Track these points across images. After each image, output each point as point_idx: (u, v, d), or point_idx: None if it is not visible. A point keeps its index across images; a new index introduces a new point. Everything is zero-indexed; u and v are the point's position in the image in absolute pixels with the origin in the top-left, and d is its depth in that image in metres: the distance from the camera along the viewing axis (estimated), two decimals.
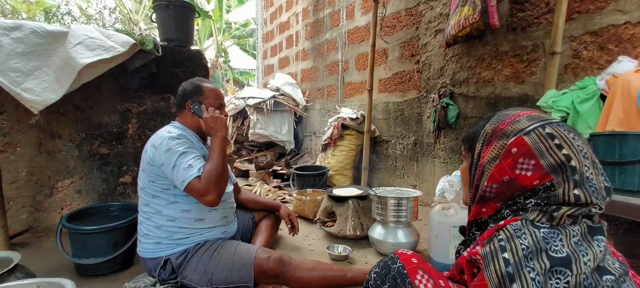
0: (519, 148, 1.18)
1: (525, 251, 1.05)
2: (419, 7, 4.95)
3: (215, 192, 2.25)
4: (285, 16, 9.45)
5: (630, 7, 2.81)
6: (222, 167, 2.33)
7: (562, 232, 1.09)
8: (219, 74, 12.88)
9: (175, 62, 4.08)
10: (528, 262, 1.04)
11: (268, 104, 7.69)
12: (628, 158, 1.98)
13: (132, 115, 3.97)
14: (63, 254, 2.78)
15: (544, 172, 1.14)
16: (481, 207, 1.31)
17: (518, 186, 1.19)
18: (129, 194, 4.00)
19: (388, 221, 3.22)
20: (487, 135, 1.30)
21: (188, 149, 2.35)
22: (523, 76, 3.61)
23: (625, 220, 2.73)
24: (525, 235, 1.08)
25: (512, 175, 1.19)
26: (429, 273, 1.36)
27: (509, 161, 1.20)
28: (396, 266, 1.41)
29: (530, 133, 1.18)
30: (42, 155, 3.58)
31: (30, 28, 3.18)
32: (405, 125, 5.35)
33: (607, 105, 2.48)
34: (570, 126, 1.22)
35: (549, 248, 1.05)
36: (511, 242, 1.08)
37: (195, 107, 2.53)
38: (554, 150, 1.14)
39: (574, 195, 1.11)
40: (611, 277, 1.07)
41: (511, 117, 1.26)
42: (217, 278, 2.33)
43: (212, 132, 2.45)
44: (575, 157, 1.13)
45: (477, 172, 1.32)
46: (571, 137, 1.16)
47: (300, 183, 5.70)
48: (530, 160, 1.16)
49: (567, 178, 1.12)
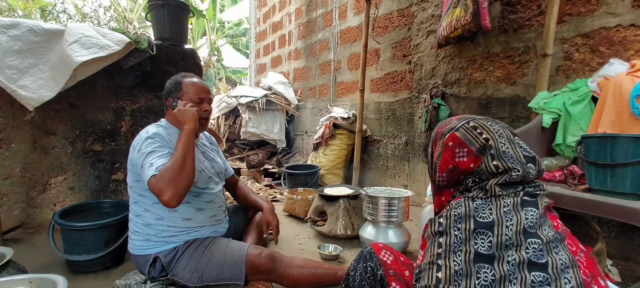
0: (453, 142, 1.48)
1: (456, 217, 1.34)
2: (411, 8, 4.98)
3: (170, 192, 2.05)
4: (278, 16, 9.47)
5: (622, 10, 2.84)
6: (180, 164, 2.13)
7: (493, 203, 1.34)
8: (212, 73, 12.88)
9: (169, 60, 4.09)
10: (456, 223, 1.33)
11: (260, 103, 7.72)
12: (619, 160, 1.99)
13: (125, 112, 3.98)
14: (55, 250, 2.80)
15: (474, 155, 1.43)
16: (440, 196, 1.59)
17: (460, 171, 1.47)
18: (121, 191, 4.01)
19: (379, 221, 3.22)
20: (432, 139, 1.62)
21: (156, 148, 2.26)
22: (515, 77, 3.64)
23: (617, 222, 2.75)
24: (461, 206, 1.36)
25: (453, 163, 1.48)
26: (391, 251, 1.71)
27: (449, 153, 1.49)
28: (366, 249, 1.72)
29: (459, 128, 1.48)
30: (36, 151, 3.58)
31: (28, 26, 3.20)
32: (396, 125, 5.37)
33: (598, 107, 2.51)
34: (490, 118, 1.54)
35: (476, 215, 1.31)
36: (449, 212, 1.37)
37: (173, 104, 2.46)
38: (478, 138, 1.44)
39: (493, 165, 1.39)
40: (538, 240, 1.25)
41: (447, 121, 1.58)
42: (209, 276, 2.33)
43: (179, 125, 2.34)
44: (492, 138, 1.42)
45: (433, 170, 1.60)
46: (489, 125, 1.47)
47: (292, 182, 5.70)
48: (463, 149, 1.45)
49: (487, 155, 1.41)
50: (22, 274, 2.19)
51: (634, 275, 2.64)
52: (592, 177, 2.15)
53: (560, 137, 2.71)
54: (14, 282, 2.00)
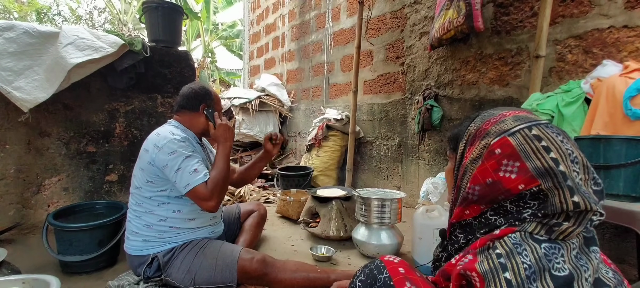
0: (503, 149, 1.10)
1: (527, 271, 0.95)
2: (404, 10, 5.01)
3: (218, 199, 2.35)
4: (271, 18, 9.48)
5: (615, 11, 2.85)
6: (226, 175, 2.44)
7: (563, 247, 1.01)
8: (206, 74, 12.88)
9: (162, 62, 4.10)
10: (531, 283, 0.94)
11: (253, 104, 7.73)
12: (613, 162, 1.98)
13: (119, 114, 3.98)
14: (49, 251, 2.81)
15: (530, 175, 1.06)
16: (464, 209, 1.23)
17: (502, 189, 1.10)
18: (114, 192, 4.01)
19: (372, 222, 3.23)
20: (470, 135, 1.24)
21: (192, 153, 2.39)
22: (507, 79, 3.65)
23: (611, 224, 2.72)
24: (526, 252, 0.99)
25: (495, 177, 1.11)
26: (417, 285, 1.23)
27: (492, 162, 1.12)
28: (382, 277, 1.28)
29: (516, 134, 1.10)
30: (30, 152, 3.58)
31: (23, 28, 3.22)
32: (389, 127, 5.39)
33: (592, 108, 2.49)
34: (559, 128, 1.13)
35: (551, 267, 0.96)
36: (512, 259, 0.98)
37: (210, 112, 2.61)
38: (541, 153, 1.06)
39: (573, 202, 1.01)
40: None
41: (496, 117, 1.19)
42: (201, 278, 2.34)
43: (222, 140, 2.53)
44: (564, 162, 1.05)
45: (460, 173, 1.25)
46: (559, 140, 1.08)
47: (285, 183, 5.72)
48: (515, 162, 1.08)
49: (560, 185, 1.03)
50: (16, 275, 2.21)
51: (629, 277, 2.56)
52: None
53: None
54: (8, 282, 2.02)
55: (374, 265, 1.33)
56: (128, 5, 12.38)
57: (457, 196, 1.27)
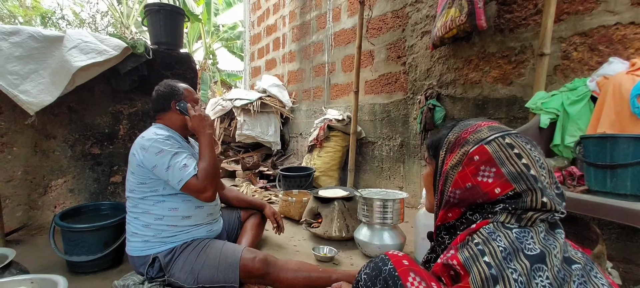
0: (480, 156, 1.25)
1: (503, 252, 1.09)
2: (405, 9, 5.01)
3: (212, 188, 2.40)
4: (272, 19, 9.49)
5: (621, 7, 2.81)
6: (214, 162, 2.44)
7: (532, 230, 1.16)
8: (207, 76, 12.93)
9: (165, 64, 4.13)
10: (508, 263, 1.07)
11: (255, 105, 7.74)
12: (619, 161, 1.94)
13: (123, 116, 4.02)
14: (56, 251, 2.84)
15: (505, 179, 1.21)
16: (447, 211, 1.37)
17: (480, 192, 1.25)
18: (119, 193, 4.04)
19: (374, 223, 3.22)
20: (450, 143, 1.37)
21: (179, 149, 2.43)
22: (511, 77, 3.62)
23: (617, 224, 2.68)
24: (500, 237, 1.13)
25: (474, 181, 1.26)
26: (421, 276, 1.25)
27: (471, 168, 1.26)
28: (387, 268, 1.31)
29: (492, 142, 1.25)
30: (37, 155, 3.63)
31: (28, 33, 3.26)
32: (391, 127, 5.39)
33: (598, 107, 2.45)
34: (527, 138, 1.30)
35: (523, 248, 1.10)
36: (489, 245, 1.12)
37: (182, 105, 2.61)
38: (514, 160, 1.22)
39: (542, 202, 1.17)
40: (578, 265, 1.15)
41: (474, 127, 1.34)
42: (204, 278, 2.36)
43: (200, 129, 2.54)
44: (534, 167, 1.21)
45: (441, 178, 1.38)
46: (528, 148, 1.24)
47: (286, 184, 5.72)
48: (491, 168, 1.23)
49: (533, 187, 1.18)
50: (24, 274, 2.23)
51: (636, 277, 2.61)
52: (591, 178, 2.11)
53: (559, 137, 2.64)
54: (16, 282, 2.04)
55: (378, 258, 1.38)
56: (130, 9, 12.44)
57: (440, 200, 1.40)
